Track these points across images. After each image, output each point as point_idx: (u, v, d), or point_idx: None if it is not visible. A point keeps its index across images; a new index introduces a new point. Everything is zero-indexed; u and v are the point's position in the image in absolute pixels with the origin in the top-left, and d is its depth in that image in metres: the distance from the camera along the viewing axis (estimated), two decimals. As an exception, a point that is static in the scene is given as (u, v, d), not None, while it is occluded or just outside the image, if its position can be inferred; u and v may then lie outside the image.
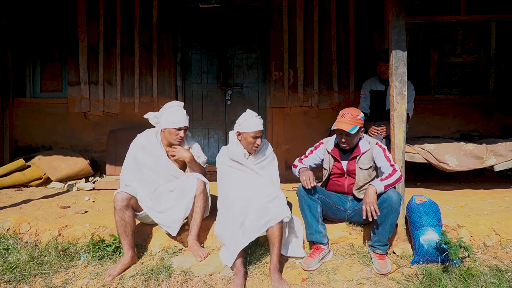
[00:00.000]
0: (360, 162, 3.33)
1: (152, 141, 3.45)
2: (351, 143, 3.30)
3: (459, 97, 5.53)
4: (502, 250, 3.29)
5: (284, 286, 2.94)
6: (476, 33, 5.54)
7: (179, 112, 3.40)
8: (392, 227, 3.16)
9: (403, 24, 3.36)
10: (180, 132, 3.39)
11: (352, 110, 3.31)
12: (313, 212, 3.23)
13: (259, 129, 3.34)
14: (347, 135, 3.25)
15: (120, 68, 5.59)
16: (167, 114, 3.39)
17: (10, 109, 5.73)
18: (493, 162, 4.25)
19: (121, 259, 3.18)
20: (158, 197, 3.39)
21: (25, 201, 4.22)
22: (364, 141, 3.37)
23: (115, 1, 5.54)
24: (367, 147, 3.33)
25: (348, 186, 3.42)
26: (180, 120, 3.38)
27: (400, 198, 3.12)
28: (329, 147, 3.45)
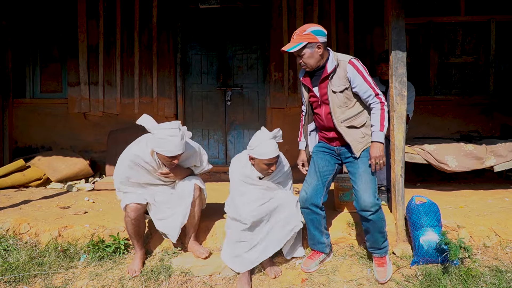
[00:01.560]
0: (331, 84, 2.94)
1: (147, 161, 3.19)
2: (308, 63, 2.93)
3: (458, 98, 5.53)
4: (502, 251, 3.28)
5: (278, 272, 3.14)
6: (475, 34, 5.55)
7: (174, 140, 2.98)
8: (382, 233, 3.02)
9: (403, 25, 3.36)
10: (173, 160, 3.07)
11: (303, 26, 2.94)
12: (316, 225, 3.12)
13: (274, 155, 3.03)
14: (298, 55, 2.92)
15: (120, 69, 5.59)
16: (158, 139, 2.99)
17: (10, 110, 5.73)
18: (493, 163, 4.25)
19: (137, 255, 3.22)
20: (159, 204, 3.29)
21: (25, 201, 4.22)
22: (332, 59, 2.94)
23: (115, 2, 5.54)
24: (333, 66, 2.92)
25: (326, 117, 3.03)
26: (174, 149, 3.00)
27: (379, 204, 2.94)
28: (301, 76, 3.14)
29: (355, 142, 2.98)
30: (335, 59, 2.93)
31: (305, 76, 3.10)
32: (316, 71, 3.01)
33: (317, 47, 2.88)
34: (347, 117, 2.97)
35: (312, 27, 2.90)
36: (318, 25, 2.94)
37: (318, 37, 2.88)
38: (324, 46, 2.92)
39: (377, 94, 2.92)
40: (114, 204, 4.24)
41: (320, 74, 2.98)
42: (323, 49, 2.91)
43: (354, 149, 2.98)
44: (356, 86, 2.91)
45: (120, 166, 3.25)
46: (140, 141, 3.25)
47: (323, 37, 2.90)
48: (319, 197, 3.08)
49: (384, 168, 4.08)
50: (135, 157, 3.18)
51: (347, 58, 2.93)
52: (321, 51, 2.90)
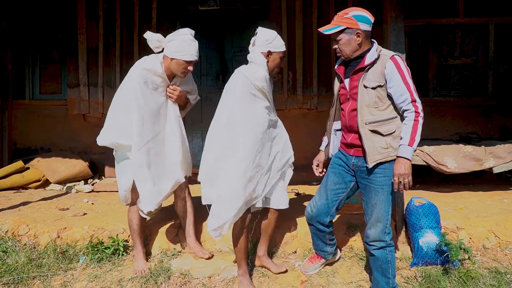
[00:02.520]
0: (365, 78, 2.57)
1: (159, 73, 3.03)
2: (344, 51, 2.62)
3: (457, 99, 5.54)
4: (501, 252, 3.29)
5: (281, 267, 3.12)
6: (474, 36, 5.56)
7: (194, 43, 3.01)
8: (385, 278, 2.70)
9: (402, 27, 3.37)
10: (189, 65, 3.02)
11: (347, 9, 2.64)
12: (321, 237, 2.98)
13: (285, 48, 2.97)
14: (335, 40, 2.64)
15: (119, 70, 5.59)
16: (180, 43, 2.96)
17: (9, 111, 5.72)
18: (492, 164, 4.25)
19: (140, 254, 3.18)
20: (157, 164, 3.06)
21: (24, 203, 4.21)
22: (373, 51, 2.58)
23: (115, 3, 5.54)
24: (373, 58, 2.55)
25: (349, 114, 2.65)
26: (194, 52, 3.00)
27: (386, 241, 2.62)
28: (337, 64, 2.80)
29: (373, 150, 2.55)
30: (378, 51, 2.57)
31: (340, 65, 2.75)
32: (352, 61, 2.65)
33: (356, 34, 2.54)
34: (375, 120, 2.55)
35: (356, 11, 2.57)
36: (364, 10, 2.59)
37: (360, 24, 2.54)
38: (366, 35, 2.57)
39: (414, 101, 2.49)
40: (113, 205, 4.24)
41: (356, 65, 2.61)
42: (364, 38, 2.56)
43: (369, 157, 2.56)
44: (393, 87, 2.51)
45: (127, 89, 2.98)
46: (144, 60, 3.06)
47: (366, 25, 2.55)
48: (325, 216, 2.85)
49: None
50: (146, 72, 2.99)
51: (390, 53, 2.56)
52: (361, 40, 2.55)
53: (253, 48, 2.96)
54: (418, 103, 2.50)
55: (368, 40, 2.60)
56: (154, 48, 3.08)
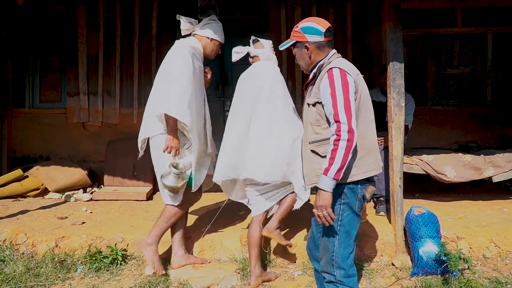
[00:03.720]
0: (309, 94, 2.39)
1: (200, 51, 3.19)
2: (301, 65, 2.48)
3: (456, 108, 5.56)
4: (501, 262, 3.28)
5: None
6: (472, 45, 5.59)
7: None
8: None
9: (400, 36, 3.39)
10: (220, 48, 3.33)
11: (300, 22, 2.46)
12: (320, 281, 2.51)
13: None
14: (294, 55, 2.50)
15: (119, 79, 5.61)
16: (217, 26, 3.25)
17: (9, 119, 5.72)
18: (491, 173, 4.25)
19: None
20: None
21: (22, 211, 4.20)
22: (319, 64, 2.38)
23: (115, 13, 5.57)
24: (315, 71, 2.39)
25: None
26: (223, 36, 3.33)
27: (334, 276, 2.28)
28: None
29: (311, 172, 2.32)
30: (324, 63, 2.35)
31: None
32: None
33: (304, 47, 2.38)
34: (316, 139, 2.30)
35: (304, 22, 2.41)
36: (313, 21, 2.42)
37: (307, 36, 2.37)
38: (317, 46, 2.37)
39: (337, 121, 2.15)
40: (112, 214, 4.23)
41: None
42: (314, 49, 2.38)
43: (306, 179, 2.39)
44: (325, 104, 2.24)
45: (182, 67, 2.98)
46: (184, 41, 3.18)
47: (315, 36, 2.36)
48: (316, 250, 2.48)
49: (383, 179, 4.10)
50: (193, 50, 3.10)
51: (332, 65, 2.28)
52: (310, 52, 2.38)
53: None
54: (343, 124, 2.13)
55: (321, 51, 2.38)
56: (185, 30, 3.23)
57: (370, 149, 2.31)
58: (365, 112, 2.30)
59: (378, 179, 4.17)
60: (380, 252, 3.43)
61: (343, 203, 2.26)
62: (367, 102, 2.34)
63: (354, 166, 2.24)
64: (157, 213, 4.06)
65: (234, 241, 3.50)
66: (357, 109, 2.24)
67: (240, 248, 3.44)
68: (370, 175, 2.29)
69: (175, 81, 2.95)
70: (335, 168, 2.13)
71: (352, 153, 2.16)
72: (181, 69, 2.98)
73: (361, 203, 2.32)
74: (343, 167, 2.13)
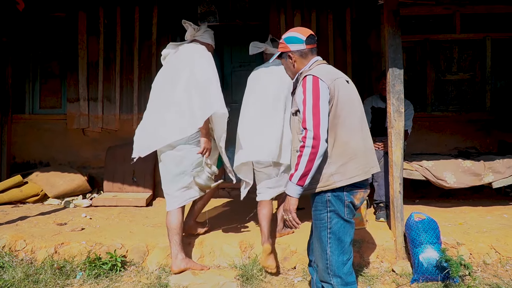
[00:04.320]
0: (292, 104, 2.46)
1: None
2: (289, 75, 2.56)
3: (456, 114, 5.56)
4: (502, 268, 3.27)
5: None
6: (471, 51, 5.60)
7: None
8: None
9: (400, 43, 3.41)
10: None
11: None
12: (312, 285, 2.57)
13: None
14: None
15: (119, 85, 5.62)
16: (211, 32, 3.62)
17: (9, 125, 5.73)
18: (491, 179, 4.25)
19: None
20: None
21: (22, 218, 4.19)
22: (299, 72, 2.45)
23: (115, 19, 5.60)
24: (296, 82, 2.44)
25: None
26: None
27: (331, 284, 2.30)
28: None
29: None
30: (304, 72, 2.40)
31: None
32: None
33: (288, 57, 2.46)
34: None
35: (287, 33, 2.50)
36: (295, 30, 2.52)
37: (290, 45, 2.44)
38: (300, 54, 2.44)
39: (305, 128, 2.20)
40: (112, 220, 4.22)
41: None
42: (298, 58, 2.44)
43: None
44: (300, 111, 2.29)
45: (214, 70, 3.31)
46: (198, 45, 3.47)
47: (297, 44, 2.44)
48: (311, 253, 2.54)
49: (383, 185, 4.10)
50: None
51: (307, 73, 2.33)
52: (293, 61, 2.45)
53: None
54: (309, 131, 2.18)
55: (304, 59, 2.45)
56: (190, 36, 3.51)
57: (353, 154, 2.28)
58: (345, 118, 2.28)
59: (378, 184, 4.17)
60: (380, 258, 3.42)
61: (330, 211, 2.28)
62: (349, 107, 2.31)
63: (337, 173, 2.25)
64: (157, 219, 4.07)
65: (234, 247, 3.49)
66: (334, 115, 2.25)
67: (240, 254, 3.43)
68: (354, 181, 2.27)
69: (215, 81, 3.24)
70: (299, 174, 2.18)
71: (320, 159, 2.19)
72: (214, 69, 3.29)
73: (351, 210, 2.32)
74: (307, 173, 2.17)
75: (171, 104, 3.24)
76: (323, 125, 2.18)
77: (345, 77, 2.39)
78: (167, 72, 3.39)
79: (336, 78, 2.31)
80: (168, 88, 3.29)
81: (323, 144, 2.17)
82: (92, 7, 5.58)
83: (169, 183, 3.31)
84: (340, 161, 2.26)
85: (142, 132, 3.37)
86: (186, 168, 3.26)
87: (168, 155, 3.26)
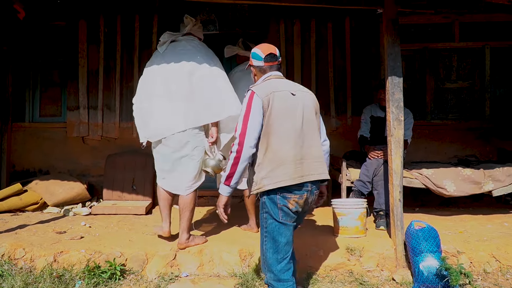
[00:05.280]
0: None
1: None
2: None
3: (455, 122, 5.57)
4: (502, 277, 3.25)
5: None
6: (470, 60, 5.63)
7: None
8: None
9: (399, 51, 3.42)
10: None
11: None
12: None
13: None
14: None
15: (119, 93, 5.63)
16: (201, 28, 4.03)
17: (9, 133, 5.73)
18: (491, 187, 4.25)
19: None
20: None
21: (21, 226, 4.18)
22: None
23: (116, 28, 5.62)
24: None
25: None
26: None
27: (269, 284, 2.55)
28: None
29: (250, 181, 2.65)
30: (251, 86, 2.68)
31: None
32: None
33: (252, 69, 2.80)
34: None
35: (254, 48, 2.79)
36: (258, 47, 2.78)
37: (252, 60, 2.76)
38: (258, 69, 2.74)
39: (235, 136, 2.53)
40: (111, 229, 4.21)
41: None
42: (257, 72, 2.76)
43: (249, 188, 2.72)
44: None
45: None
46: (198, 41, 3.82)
47: (257, 60, 2.74)
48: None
49: (383, 193, 4.09)
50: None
51: (250, 88, 2.62)
52: (254, 74, 2.79)
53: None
54: (236, 138, 2.51)
55: (262, 74, 2.73)
56: (188, 29, 3.75)
57: (282, 162, 2.47)
58: (278, 127, 2.50)
59: (378, 193, 4.17)
60: (380, 267, 3.41)
61: (265, 212, 2.54)
62: (285, 118, 2.52)
63: (267, 177, 2.47)
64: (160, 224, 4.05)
65: (234, 255, 3.47)
66: (267, 124, 2.50)
67: (240, 263, 3.42)
68: (280, 185, 2.46)
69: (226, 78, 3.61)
70: (225, 175, 2.51)
71: (245, 164, 2.50)
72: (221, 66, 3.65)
73: (286, 213, 2.50)
74: (232, 175, 2.49)
75: (184, 94, 3.46)
76: (248, 134, 2.47)
77: (292, 91, 2.61)
78: (175, 63, 3.53)
79: (274, 91, 2.53)
80: (178, 79, 3.47)
81: (246, 150, 2.47)
82: (92, 15, 5.61)
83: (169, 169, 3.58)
84: (269, 167, 2.48)
85: (150, 119, 3.57)
86: (188, 152, 3.50)
87: (174, 139, 3.48)
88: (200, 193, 5.28)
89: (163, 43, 3.68)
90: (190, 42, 3.65)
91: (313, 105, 2.67)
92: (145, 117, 3.61)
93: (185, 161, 3.52)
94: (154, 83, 3.57)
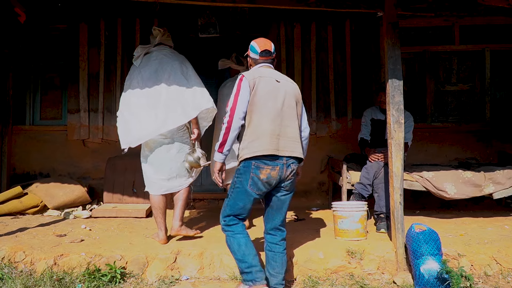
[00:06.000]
0: None
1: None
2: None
3: (455, 125, 5.58)
4: (503, 280, 3.25)
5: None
6: (471, 62, 5.64)
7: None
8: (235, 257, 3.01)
9: (399, 54, 3.43)
10: None
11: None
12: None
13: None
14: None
15: (119, 96, 5.63)
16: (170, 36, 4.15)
17: (9, 136, 5.73)
18: (492, 190, 4.25)
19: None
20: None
21: (21, 229, 4.17)
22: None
23: (116, 31, 5.63)
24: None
25: None
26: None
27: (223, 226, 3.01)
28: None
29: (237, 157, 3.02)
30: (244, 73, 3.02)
31: None
32: None
33: (248, 59, 3.16)
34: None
35: (253, 41, 3.13)
36: (257, 42, 3.11)
37: (250, 52, 3.12)
38: (253, 61, 3.11)
39: (226, 112, 2.92)
40: (111, 232, 4.20)
41: None
42: (252, 62, 3.12)
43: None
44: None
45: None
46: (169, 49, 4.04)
47: (253, 53, 3.09)
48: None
49: (383, 195, 4.09)
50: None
51: (242, 73, 2.99)
52: (249, 64, 3.16)
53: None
54: (227, 112, 2.87)
55: (255, 64, 3.10)
56: (158, 39, 3.94)
57: (260, 135, 2.83)
58: (261, 106, 2.86)
59: (378, 195, 4.17)
60: (381, 270, 3.40)
61: (237, 176, 2.90)
62: (268, 99, 2.88)
63: (246, 147, 2.84)
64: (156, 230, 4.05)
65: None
66: (251, 103, 2.86)
67: (240, 266, 3.41)
68: (255, 154, 2.80)
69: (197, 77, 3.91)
70: (218, 143, 2.87)
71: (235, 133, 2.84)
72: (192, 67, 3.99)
73: (255, 182, 2.83)
74: (224, 142, 2.84)
75: (162, 100, 3.68)
76: (238, 107, 2.84)
77: (277, 78, 2.98)
78: (150, 73, 3.78)
79: (260, 77, 2.92)
80: (156, 87, 3.71)
81: (235, 121, 2.83)
82: (93, 19, 5.62)
83: (157, 170, 3.76)
84: (249, 139, 2.84)
85: (132, 126, 3.72)
86: (173, 155, 3.73)
87: (159, 142, 3.72)
88: (200, 196, 5.33)
89: (138, 57, 3.91)
90: (162, 50, 3.89)
91: (294, 93, 3.01)
92: (127, 125, 3.76)
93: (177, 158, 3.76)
94: (133, 95, 3.78)
